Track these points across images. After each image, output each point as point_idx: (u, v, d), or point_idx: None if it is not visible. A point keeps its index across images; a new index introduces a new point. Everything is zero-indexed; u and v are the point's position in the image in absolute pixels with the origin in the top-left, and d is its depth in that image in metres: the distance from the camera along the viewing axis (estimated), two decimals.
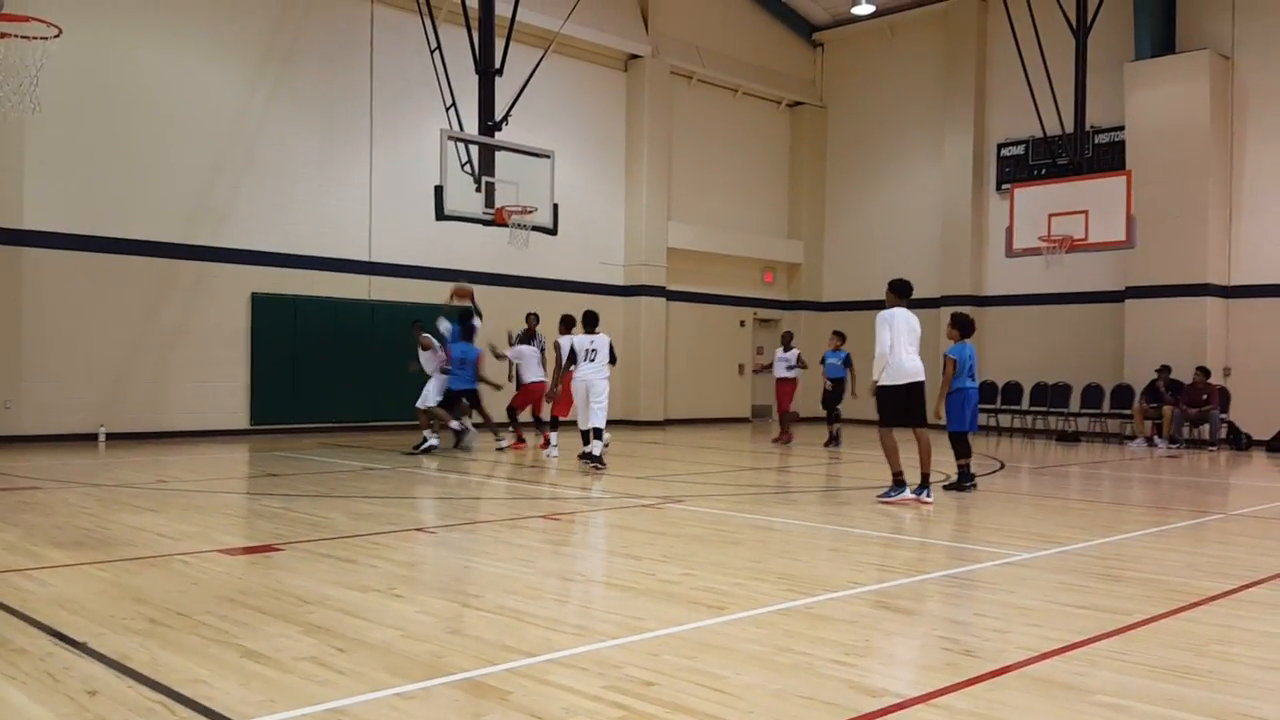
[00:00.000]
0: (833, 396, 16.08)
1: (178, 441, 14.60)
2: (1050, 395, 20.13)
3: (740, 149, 23.32)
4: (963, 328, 10.19)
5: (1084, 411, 19.57)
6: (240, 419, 15.83)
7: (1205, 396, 17.15)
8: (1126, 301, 18.93)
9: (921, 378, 9.27)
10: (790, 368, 16.55)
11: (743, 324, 23.35)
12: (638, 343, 20.63)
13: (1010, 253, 17.49)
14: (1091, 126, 18.72)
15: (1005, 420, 20.80)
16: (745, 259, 23.22)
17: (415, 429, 13.95)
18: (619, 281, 20.87)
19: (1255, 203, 18.32)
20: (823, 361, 16.40)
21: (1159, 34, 18.97)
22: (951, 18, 22.22)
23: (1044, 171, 19.71)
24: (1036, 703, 3.58)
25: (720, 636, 4.40)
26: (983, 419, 21.32)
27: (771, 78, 23.56)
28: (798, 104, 24.30)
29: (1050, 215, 16.65)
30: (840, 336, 16.31)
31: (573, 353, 11.84)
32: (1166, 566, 6.51)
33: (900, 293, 9.53)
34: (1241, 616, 5.10)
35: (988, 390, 21.47)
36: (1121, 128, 19.12)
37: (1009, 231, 17.25)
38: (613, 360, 12.05)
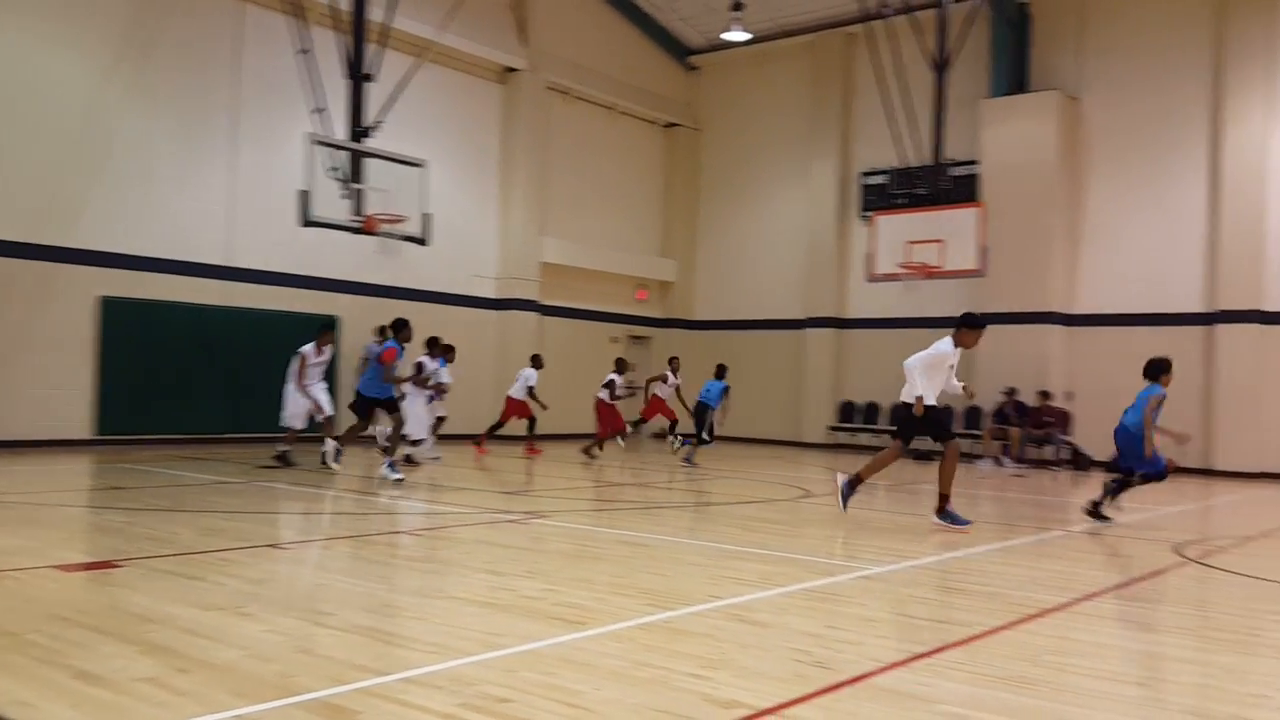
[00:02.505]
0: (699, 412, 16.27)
1: (17, 452, 13.73)
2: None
3: (616, 167, 23.49)
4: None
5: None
6: (86, 429, 15.00)
7: (1049, 419, 18.08)
8: None
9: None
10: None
11: (615, 340, 23.46)
12: (509, 357, 20.46)
13: (871, 278, 18.13)
14: (949, 159, 19.55)
15: (865, 439, 21.47)
16: (619, 276, 23.37)
17: (275, 441, 13.48)
18: (491, 294, 20.70)
19: (1097, 236, 19.47)
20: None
21: (1012, 73, 20.02)
22: (819, 49, 22.95)
23: (904, 201, 20.47)
24: (882, 712, 3.70)
25: (579, 652, 4.39)
26: (843, 437, 22.00)
27: (647, 98, 23.84)
28: (673, 125, 24.64)
29: (909, 243, 17.34)
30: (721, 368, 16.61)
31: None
32: (1009, 580, 6.82)
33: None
34: (1076, 628, 5.38)
35: (847, 410, 22.17)
36: (977, 161, 20.06)
37: (870, 258, 17.87)
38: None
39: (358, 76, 14.77)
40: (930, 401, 8.99)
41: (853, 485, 9.44)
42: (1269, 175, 17.73)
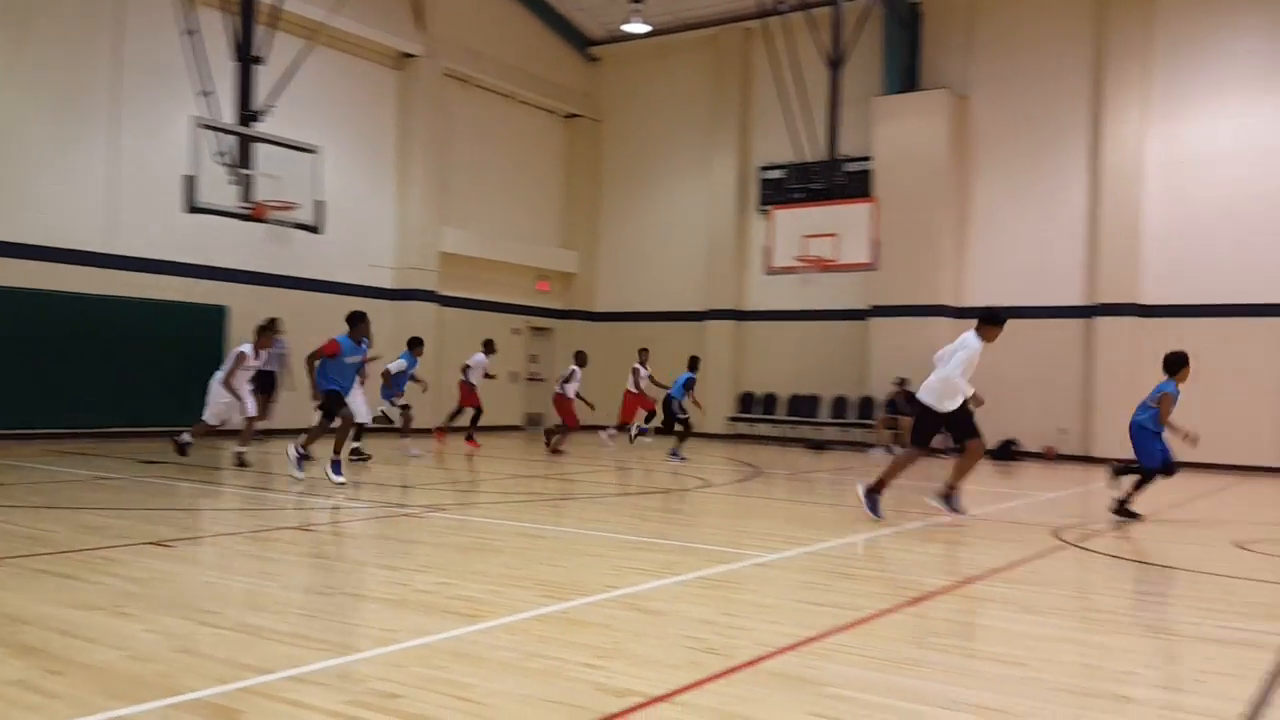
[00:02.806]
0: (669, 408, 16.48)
1: None
2: (803, 406, 21.31)
3: (516, 157, 23.31)
4: None
5: (832, 421, 20.85)
6: None
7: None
8: (870, 320, 20.32)
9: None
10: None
11: (516, 331, 23.31)
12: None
13: (769, 271, 18.38)
14: (844, 155, 19.95)
15: (764, 429, 21.81)
16: (520, 266, 23.21)
17: (163, 435, 12.99)
18: (388, 285, 20.33)
19: (985, 231, 20.13)
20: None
21: (904, 71, 20.53)
22: (719, 43, 23.15)
23: (801, 195, 20.82)
24: (771, 696, 3.77)
25: (472, 645, 4.36)
26: (742, 428, 22.30)
27: (548, 88, 23.70)
28: (574, 116, 24.56)
29: (805, 237, 17.63)
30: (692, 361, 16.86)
31: None
32: (898, 565, 7.00)
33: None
34: (960, 610, 5.56)
35: (746, 400, 22.47)
36: (870, 157, 20.51)
37: (768, 251, 18.12)
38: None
39: (246, 59, 14.32)
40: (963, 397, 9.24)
41: (874, 493, 9.09)
42: (1145, 174, 18.57)
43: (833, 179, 18.19)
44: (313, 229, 14.62)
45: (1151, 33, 18.68)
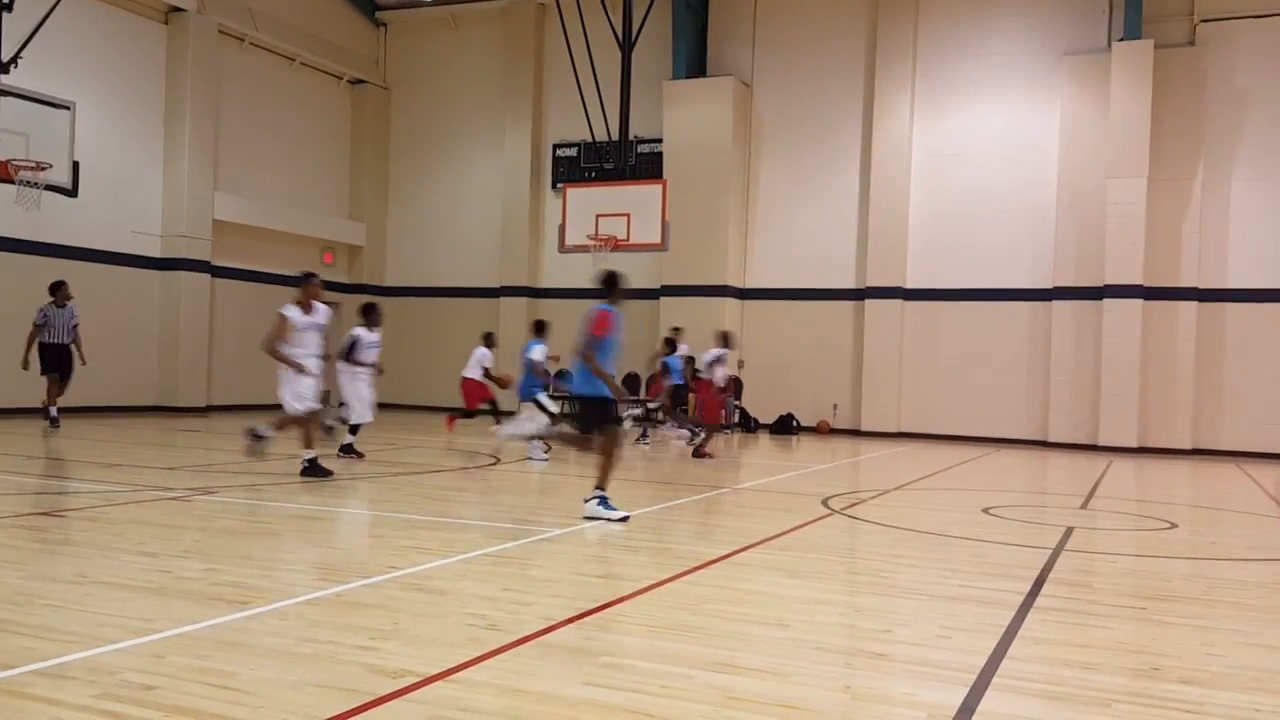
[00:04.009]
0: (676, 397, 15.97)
1: None
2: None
3: (298, 122, 22.26)
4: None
5: (625, 398, 21.16)
6: None
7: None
8: (661, 299, 20.77)
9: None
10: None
11: None
12: (177, 321, 18.94)
13: (563, 249, 18.42)
14: (636, 136, 20.25)
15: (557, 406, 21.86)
16: (303, 237, 22.23)
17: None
18: (155, 253, 19.00)
19: (767, 217, 20.95)
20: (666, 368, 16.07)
21: (693, 58, 21.01)
22: (511, 17, 22.91)
23: (594, 175, 21.01)
24: (549, 669, 3.81)
25: (238, 633, 4.17)
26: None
27: (332, 51, 22.76)
28: (360, 82, 23.70)
29: (598, 216, 17.77)
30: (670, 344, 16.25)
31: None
32: (678, 536, 7.21)
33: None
34: (733, 577, 5.80)
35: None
36: (661, 140, 20.89)
37: (562, 228, 18.16)
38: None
39: None
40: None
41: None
42: (911, 168, 19.84)
43: (625, 160, 18.41)
44: (68, 192, 13.52)
45: (919, 33, 19.91)
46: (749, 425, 19.79)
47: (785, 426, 19.79)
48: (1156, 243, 18.11)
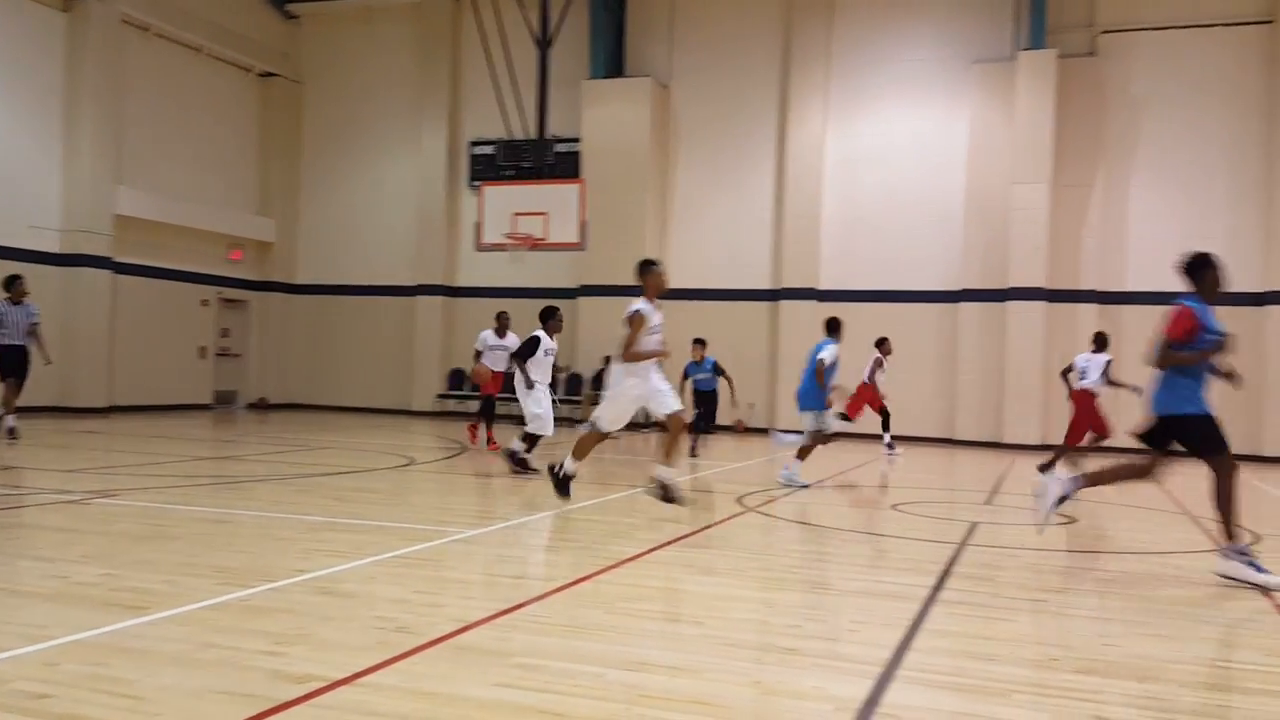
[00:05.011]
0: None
1: None
2: (512, 382, 21.35)
3: (205, 115, 21.65)
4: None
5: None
6: None
7: None
8: (580, 298, 20.73)
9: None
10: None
11: (206, 303, 21.76)
12: (77, 319, 18.27)
13: (480, 247, 18.28)
14: (553, 135, 20.16)
15: (473, 406, 21.65)
16: (210, 233, 21.63)
17: None
18: (54, 249, 18.29)
19: (685, 217, 21.06)
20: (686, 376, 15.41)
21: (611, 57, 21.02)
22: (426, 12, 22.64)
23: (511, 173, 20.88)
24: (459, 671, 3.77)
25: (136, 639, 4.04)
26: (453, 405, 22.09)
27: (240, 43, 22.19)
28: (270, 75, 23.16)
29: (516, 214, 17.68)
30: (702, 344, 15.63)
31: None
32: (595, 535, 7.21)
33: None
34: (648, 576, 5.82)
35: (457, 378, 22.28)
36: (579, 139, 20.85)
37: (478, 227, 18.02)
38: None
39: None
40: None
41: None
42: (824, 171, 20.14)
43: (543, 158, 18.37)
44: None
45: (833, 38, 20.24)
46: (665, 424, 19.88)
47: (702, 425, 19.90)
48: (1059, 246, 18.70)
